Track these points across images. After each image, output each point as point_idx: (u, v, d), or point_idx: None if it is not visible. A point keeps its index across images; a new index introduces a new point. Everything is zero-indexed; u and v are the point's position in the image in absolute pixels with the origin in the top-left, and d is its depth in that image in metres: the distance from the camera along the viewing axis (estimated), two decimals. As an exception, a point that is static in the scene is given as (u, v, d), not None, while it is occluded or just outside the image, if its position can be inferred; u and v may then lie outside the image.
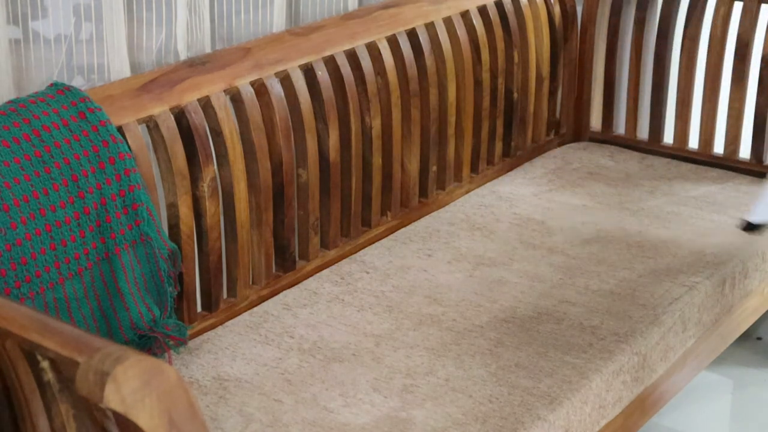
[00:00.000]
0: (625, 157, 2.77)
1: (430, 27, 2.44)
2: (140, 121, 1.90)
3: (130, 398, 1.01)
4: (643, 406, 2.02)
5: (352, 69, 2.27)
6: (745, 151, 2.69)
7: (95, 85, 1.95)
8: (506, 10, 2.63)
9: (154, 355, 1.79)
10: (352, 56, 2.28)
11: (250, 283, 2.13)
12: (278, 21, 2.27)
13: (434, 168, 2.51)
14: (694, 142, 2.77)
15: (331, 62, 2.24)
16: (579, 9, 2.85)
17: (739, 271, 2.24)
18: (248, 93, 2.07)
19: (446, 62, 2.46)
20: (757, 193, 2.55)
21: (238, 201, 2.04)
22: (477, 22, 2.55)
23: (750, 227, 2.17)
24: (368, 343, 1.93)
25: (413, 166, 2.43)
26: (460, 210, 2.47)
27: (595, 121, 2.94)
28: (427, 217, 2.46)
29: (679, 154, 2.76)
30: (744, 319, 2.37)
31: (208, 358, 1.89)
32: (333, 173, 2.24)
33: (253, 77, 2.08)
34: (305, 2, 2.34)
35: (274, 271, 2.17)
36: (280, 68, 2.13)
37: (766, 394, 2.64)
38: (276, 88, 2.12)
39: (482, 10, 2.57)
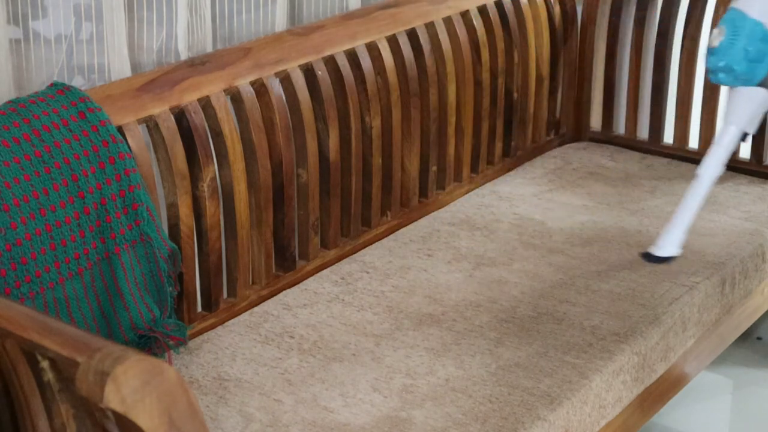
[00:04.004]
0: (625, 157, 2.77)
1: (430, 27, 2.44)
2: (140, 121, 1.90)
3: (130, 398, 1.01)
4: (643, 406, 2.02)
5: (352, 69, 2.27)
6: (745, 151, 2.69)
7: (95, 85, 1.95)
8: (506, 10, 2.63)
9: (154, 355, 1.79)
10: (352, 56, 2.28)
11: (250, 283, 2.13)
12: (279, 21, 2.27)
13: (434, 168, 2.51)
14: (694, 142, 2.76)
15: (331, 62, 2.24)
16: (579, 9, 2.85)
17: (739, 271, 2.23)
18: (248, 93, 2.07)
19: (446, 62, 2.46)
20: (757, 193, 2.55)
21: (238, 201, 2.04)
22: (477, 22, 2.55)
23: (652, 259, 2.23)
24: (368, 343, 1.93)
25: (413, 166, 2.43)
26: (460, 210, 2.47)
27: (595, 121, 2.93)
28: (427, 217, 2.46)
29: (679, 154, 2.76)
30: (744, 319, 2.36)
31: (208, 358, 1.89)
32: (333, 173, 2.24)
33: (253, 77, 2.08)
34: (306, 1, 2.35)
35: (274, 271, 2.17)
36: (280, 68, 2.13)
37: (766, 394, 2.63)
38: (276, 88, 2.12)
39: (482, 10, 2.57)
